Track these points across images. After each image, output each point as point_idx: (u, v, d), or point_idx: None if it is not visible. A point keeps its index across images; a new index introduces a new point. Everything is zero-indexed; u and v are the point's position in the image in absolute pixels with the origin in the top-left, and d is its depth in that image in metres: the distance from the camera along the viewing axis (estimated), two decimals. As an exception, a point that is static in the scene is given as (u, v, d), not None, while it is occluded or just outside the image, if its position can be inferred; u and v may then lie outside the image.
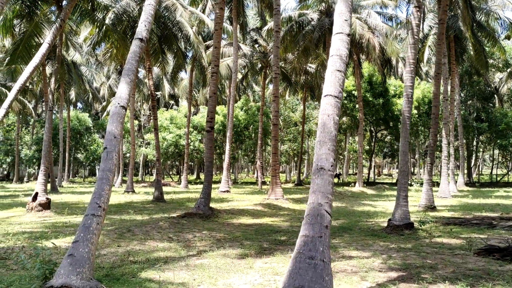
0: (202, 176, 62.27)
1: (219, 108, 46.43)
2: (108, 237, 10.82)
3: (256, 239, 11.09)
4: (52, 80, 18.71)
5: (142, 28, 8.75)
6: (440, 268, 7.98)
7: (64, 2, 18.57)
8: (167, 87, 51.55)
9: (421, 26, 28.16)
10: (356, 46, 28.51)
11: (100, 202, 7.00)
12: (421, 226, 12.24)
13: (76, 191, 32.08)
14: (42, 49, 16.04)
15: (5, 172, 64.64)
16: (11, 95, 15.16)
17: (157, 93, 51.80)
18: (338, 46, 6.50)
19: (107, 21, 21.18)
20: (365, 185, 35.18)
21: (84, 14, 19.54)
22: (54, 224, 13.58)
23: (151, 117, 53.35)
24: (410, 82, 12.63)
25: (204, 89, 45.61)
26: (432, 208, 17.78)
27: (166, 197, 23.34)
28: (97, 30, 20.47)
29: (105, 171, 7.33)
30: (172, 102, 60.40)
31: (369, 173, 45.03)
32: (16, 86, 15.21)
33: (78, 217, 15.46)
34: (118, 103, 7.99)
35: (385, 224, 13.66)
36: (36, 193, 17.10)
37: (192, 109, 48.85)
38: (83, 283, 6.07)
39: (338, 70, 6.36)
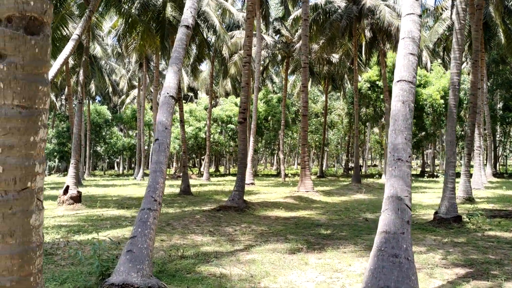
0: (221, 168, 62.14)
1: (239, 101, 46.01)
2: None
3: (300, 233, 10.73)
4: (81, 72, 18.48)
5: (188, 15, 8.39)
6: (507, 264, 7.55)
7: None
8: (186, 79, 51.29)
9: (450, 12, 27.39)
10: (384, 34, 27.80)
11: (156, 196, 6.70)
12: (469, 219, 11.75)
13: (99, 184, 32.06)
14: (72, 42, 15.79)
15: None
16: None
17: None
18: (410, 27, 6.06)
19: (133, 11, 20.88)
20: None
21: (110, 6, 19.27)
22: (88, 217, 13.38)
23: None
24: (457, 70, 12.12)
25: (224, 81, 45.21)
26: (471, 200, 17.23)
27: (192, 189, 23.10)
28: (123, 21, 20.19)
29: (158, 163, 7.02)
30: (191, 94, 60.16)
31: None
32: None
33: (109, 210, 15.28)
34: (167, 93, 7.66)
35: (427, 217, 13.24)
36: (67, 186, 16.94)
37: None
38: (144, 281, 5.77)
39: (411, 53, 5.93)
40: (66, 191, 16.82)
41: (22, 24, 2.25)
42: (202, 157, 57.23)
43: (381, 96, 36.87)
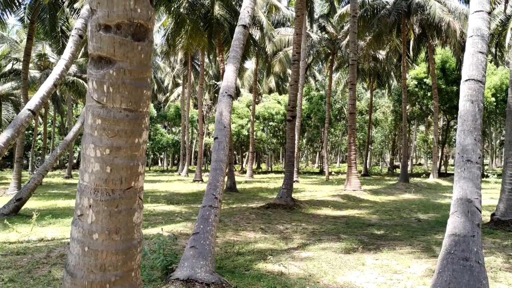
0: (263, 165, 62.30)
1: (281, 99, 45.98)
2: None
3: (352, 232, 10.65)
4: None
5: (245, 15, 8.48)
6: None
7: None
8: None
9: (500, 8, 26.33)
10: (434, 30, 27.06)
11: (216, 194, 6.83)
12: (530, 222, 11.28)
13: (146, 179, 32.86)
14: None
15: (75, 161, 67.71)
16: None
17: (217, 83, 52.11)
18: (479, 25, 5.89)
19: (181, 10, 21.25)
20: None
21: (160, 5, 19.66)
22: (141, 212, 13.74)
23: (215, 107, 53.77)
24: (518, 66, 11.63)
25: (267, 79, 45.23)
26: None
27: (236, 186, 23.28)
28: (172, 20, 20.56)
29: (218, 162, 7.15)
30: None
31: (440, 164, 43.08)
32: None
33: (160, 205, 15.65)
34: (226, 92, 7.77)
35: (483, 219, 12.83)
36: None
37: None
38: (208, 277, 5.90)
39: (480, 52, 5.77)
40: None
41: (130, 30, 2.36)
42: (244, 154, 57.61)
43: (429, 94, 35.90)
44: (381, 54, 34.44)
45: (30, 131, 48.61)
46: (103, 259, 2.40)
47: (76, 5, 17.38)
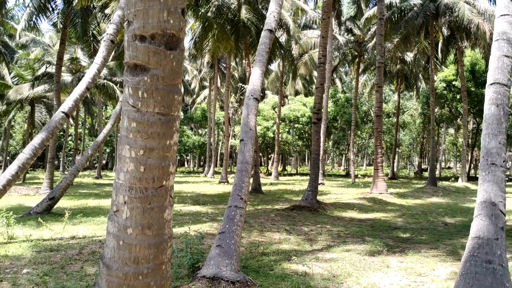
0: (288, 167, 62.27)
1: (307, 101, 45.94)
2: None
3: (377, 235, 10.65)
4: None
5: (271, 19, 8.63)
6: None
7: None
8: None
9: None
10: (463, 32, 26.65)
11: (242, 194, 6.99)
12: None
13: (173, 180, 33.29)
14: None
15: (104, 162, 69.15)
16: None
17: (243, 85, 52.43)
18: (504, 29, 5.88)
19: (209, 14, 21.58)
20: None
21: (188, 9, 20.01)
22: (168, 212, 14.03)
23: (241, 109, 54.08)
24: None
25: (293, 81, 45.28)
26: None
27: (262, 188, 23.44)
28: (200, 24, 20.89)
29: (244, 163, 7.32)
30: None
31: (469, 168, 42.26)
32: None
33: (186, 206, 15.94)
34: (252, 95, 7.94)
35: (509, 222, 12.64)
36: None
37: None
38: (233, 275, 6.06)
39: (506, 56, 5.77)
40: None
41: (163, 40, 2.55)
42: (270, 156, 57.74)
43: (458, 96, 35.33)
44: (409, 56, 34.08)
45: (61, 133, 49.95)
46: (136, 252, 2.59)
47: (107, 11, 17.88)
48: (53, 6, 21.17)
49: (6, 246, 8.59)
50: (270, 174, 42.26)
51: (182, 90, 51.85)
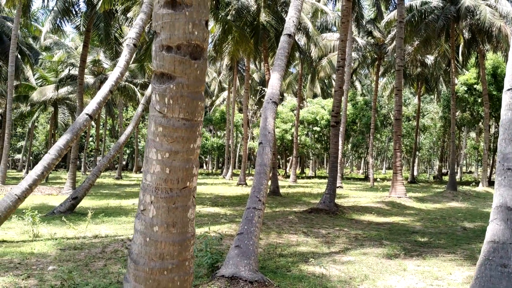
0: (306, 170, 62.18)
1: (325, 104, 45.87)
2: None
3: (395, 239, 10.68)
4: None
5: (290, 24, 8.78)
6: None
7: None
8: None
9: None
10: (485, 35, 26.36)
11: (260, 196, 7.14)
12: None
13: (192, 182, 33.61)
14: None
15: (124, 163, 70.13)
16: (149, 89, 16.29)
17: (263, 88, 52.62)
18: (523, 34, 5.91)
19: (228, 17, 21.83)
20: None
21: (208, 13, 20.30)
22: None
23: (259, 112, 54.25)
24: None
25: (312, 84, 45.27)
26: None
27: (280, 190, 23.54)
28: (219, 27, 21.13)
29: (262, 166, 7.46)
30: (278, 96, 60.81)
31: (491, 172, 41.65)
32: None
33: (205, 207, 16.15)
34: (270, 99, 8.09)
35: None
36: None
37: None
38: (251, 275, 6.21)
39: (524, 61, 5.79)
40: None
41: (188, 50, 2.72)
42: (288, 159, 57.75)
43: (479, 100, 34.89)
44: (429, 59, 33.81)
45: (83, 134, 50.88)
46: (162, 248, 2.77)
47: (129, 14, 18.27)
48: (77, 10, 21.71)
49: (32, 244, 8.91)
50: (288, 176, 42.32)
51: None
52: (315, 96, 51.36)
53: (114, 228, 11.19)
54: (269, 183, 24.75)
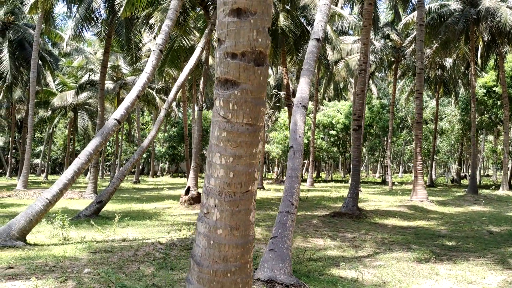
0: (322, 174, 62.02)
1: (341, 107, 45.72)
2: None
3: (422, 243, 10.62)
4: (201, 81, 19.88)
5: (318, 28, 8.81)
6: None
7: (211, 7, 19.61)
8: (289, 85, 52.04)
9: None
10: (505, 37, 26.10)
11: (293, 200, 7.17)
12: None
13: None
14: (197, 53, 17.12)
15: (140, 167, 70.62)
16: (171, 95, 16.45)
17: (280, 92, 52.63)
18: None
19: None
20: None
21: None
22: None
23: (274, 115, 54.41)
24: None
25: (328, 88, 45.19)
26: None
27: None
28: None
29: (294, 170, 7.50)
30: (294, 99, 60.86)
31: (511, 176, 41.06)
32: (175, 87, 16.43)
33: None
34: (300, 103, 8.12)
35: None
36: (189, 187, 18.29)
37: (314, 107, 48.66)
38: (287, 279, 6.24)
39: None
40: (187, 191, 18.17)
41: (252, 57, 2.78)
42: (303, 162, 57.63)
43: (498, 103, 34.48)
44: (448, 61, 33.53)
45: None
46: (225, 251, 2.82)
47: (151, 21, 18.48)
48: (97, 16, 22.00)
49: (63, 247, 9.04)
50: (304, 180, 42.22)
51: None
52: (329, 99, 51.25)
53: (140, 232, 11.31)
54: (283, 187, 24.78)
